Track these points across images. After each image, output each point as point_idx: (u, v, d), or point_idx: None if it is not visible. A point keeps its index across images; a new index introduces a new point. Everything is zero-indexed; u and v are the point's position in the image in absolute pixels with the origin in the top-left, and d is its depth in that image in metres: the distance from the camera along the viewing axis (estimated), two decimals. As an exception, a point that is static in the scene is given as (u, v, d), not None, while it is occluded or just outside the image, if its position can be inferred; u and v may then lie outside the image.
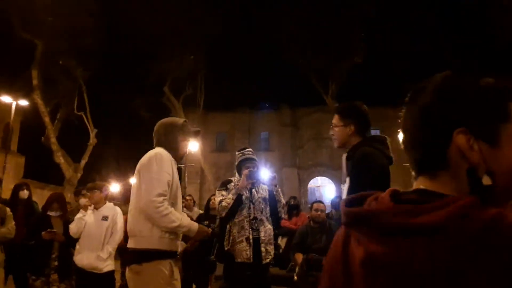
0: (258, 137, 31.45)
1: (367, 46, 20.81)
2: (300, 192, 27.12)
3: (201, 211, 7.19)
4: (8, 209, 4.59)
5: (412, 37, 21.01)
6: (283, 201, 3.83)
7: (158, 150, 2.63)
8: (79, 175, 17.39)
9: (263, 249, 3.46)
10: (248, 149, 3.90)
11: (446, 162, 0.72)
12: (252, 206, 3.55)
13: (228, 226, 3.51)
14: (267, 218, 3.63)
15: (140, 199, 2.46)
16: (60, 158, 16.79)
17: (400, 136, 0.83)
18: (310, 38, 20.82)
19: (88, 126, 18.52)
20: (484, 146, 0.70)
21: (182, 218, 2.46)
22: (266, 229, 3.56)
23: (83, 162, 17.97)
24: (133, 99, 20.94)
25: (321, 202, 5.15)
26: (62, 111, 18.78)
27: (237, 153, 3.89)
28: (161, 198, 2.37)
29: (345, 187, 2.48)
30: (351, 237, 0.72)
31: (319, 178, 29.36)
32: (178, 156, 2.79)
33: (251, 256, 3.37)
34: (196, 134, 2.95)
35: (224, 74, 23.88)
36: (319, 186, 29.14)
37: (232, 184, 3.66)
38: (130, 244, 2.49)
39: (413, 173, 0.79)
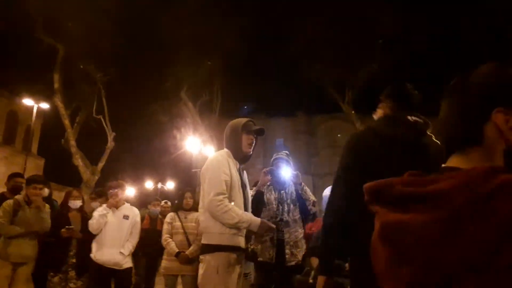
0: (273, 143, 31.42)
1: (384, 53, 20.65)
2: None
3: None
4: (48, 206, 4.66)
5: (430, 43, 20.78)
6: (312, 198, 3.82)
7: (216, 153, 3.00)
8: (96, 177, 17.63)
9: (287, 251, 3.51)
10: (284, 151, 4.06)
11: (481, 139, 0.72)
12: (280, 207, 3.56)
13: None
14: (295, 220, 3.66)
15: (206, 197, 2.67)
16: (78, 160, 17.05)
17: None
18: (326, 45, 20.79)
19: (106, 130, 18.77)
20: None
21: (242, 214, 2.62)
22: (292, 231, 3.59)
23: (100, 165, 18.20)
24: (150, 104, 21.19)
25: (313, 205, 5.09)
26: (82, 114, 19.09)
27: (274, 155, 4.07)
28: (220, 197, 2.58)
29: None
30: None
31: (329, 187, 29.06)
32: (241, 155, 2.92)
33: (274, 257, 3.39)
34: (259, 132, 3.03)
35: (241, 80, 23.95)
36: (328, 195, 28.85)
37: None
38: (202, 240, 2.75)
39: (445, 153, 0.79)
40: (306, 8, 21.41)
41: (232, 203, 2.65)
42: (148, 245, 5.42)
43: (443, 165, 0.77)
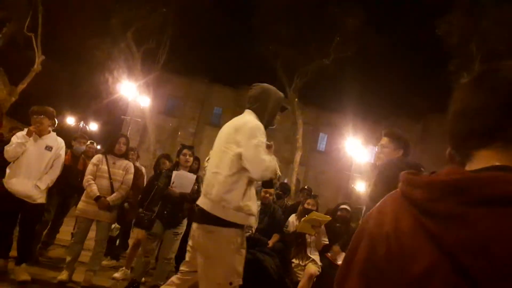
0: (210, 110, 31.07)
1: (338, 51, 21.23)
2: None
3: (143, 166, 6.92)
4: None
5: (384, 52, 21.73)
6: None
7: (255, 120, 2.59)
8: (13, 99, 16.02)
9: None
10: None
11: None
12: None
13: None
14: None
15: (250, 169, 2.42)
16: (-5, 75, 15.36)
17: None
18: (286, 29, 20.83)
19: (36, 51, 17.02)
20: None
21: (272, 165, 2.47)
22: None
23: (21, 87, 16.53)
24: (91, 37, 19.60)
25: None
26: (10, 27, 17.06)
27: None
28: (268, 164, 2.43)
29: None
30: (409, 210, 0.68)
31: (259, 166, 29.73)
32: (267, 127, 2.70)
33: None
34: (283, 110, 2.87)
35: (192, 39, 23.05)
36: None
37: None
38: (206, 206, 2.47)
39: (464, 146, 0.75)
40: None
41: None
42: (65, 183, 5.00)
43: (496, 164, 0.69)
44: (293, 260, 4.53)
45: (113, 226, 5.53)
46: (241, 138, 2.47)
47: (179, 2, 21.00)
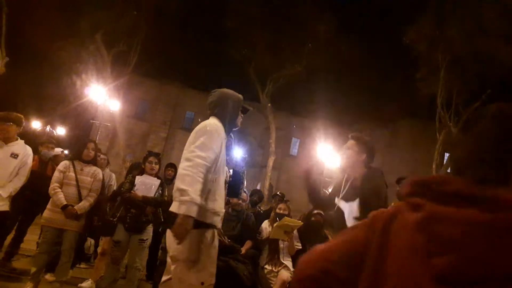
0: (182, 114, 30.74)
1: (310, 58, 21.53)
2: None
3: (113, 173, 6.76)
4: None
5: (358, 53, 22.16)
6: (245, 183, 3.78)
7: (216, 122, 2.66)
8: (-26, 101, 15.33)
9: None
10: None
11: (509, 181, 0.76)
12: None
13: None
14: (226, 200, 3.64)
15: (183, 155, 2.46)
16: (-45, 76, 14.63)
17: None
18: (260, 34, 20.97)
19: (0, 51, 16.37)
20: None
21: (197, 196, 2.30)
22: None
23: (-17, 89, 15.87)
24: (59, 38, 19.03)
25: (244, 191, 5.11)
26: (-29, 25, 16.33)
27: None
28: (202, 162, 2.38)
29: (346, 205, 2.77)
30: (400, 212, 0.79)
31: (232, 170, 29.65)
32: (231, 130, 2.84)
33: None
34: (245, 111, 2.94)
35: (163, 42, 22.80)
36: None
37: None
38: (174, 208, 2.35)
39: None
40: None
41: (216, 178, 2.54)
42: (31, 189, 4.78)
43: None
44: (266, 267, 4.51)
45: (88, 243, 5.40)
46: (194, 135, 2.57)
47: (150, 5, 20.76)
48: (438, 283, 0.66)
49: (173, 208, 2.32)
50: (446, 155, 19.50)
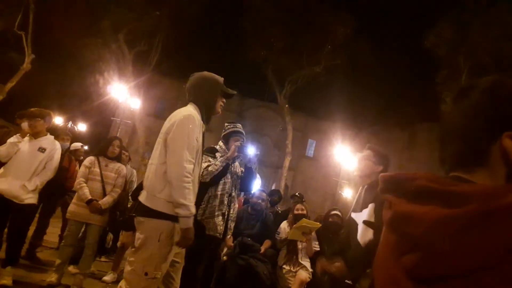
0: (200, 114, 30.95)
1: (328, 59, 21.43)
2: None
3: (134, 170, 6.89)
4: None
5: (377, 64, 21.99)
6: (257, 178, 3.86)
7: (192, 111, 2.51)
8: (1, 97, 15.76)
9: (229, 225, 3.50)
10: (239, 124, 3.91)
11: (486, 160, 0.74)
12: (230, 181, 3.53)
13: (207, 196, 3.41)
14: (237, 195, 3.67)
15: (168, 159, 2.37)
16: (-17, 73, 15.10)
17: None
18: (279, 35, 20.96)
19: (26, 49, 16.80)
20: None
21: (192, 204, 2.37)
22: (235, 207, 3.60)
23: (10, 85, 16.27)
24: (83, 37, 19.44)
25: (263, 191, 5.16)
26: (0, 24, 16.83)
27: (226, 124, 3.88)
28: (190, 166, 2.35)
29: (361, 215, 2.72)
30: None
31: (248, 170, 29.75)
32: (210, 115, 2.68)
33: (222, 232, 3.38)
34: (230, 96, 2.80)
35: (183, 42, 23.04)
36: (246, 178, 29.50)
37: (218, 153, 3.60)
38: (142, 198, 2.46)
39: (445, 168, 0.82)
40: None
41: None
42: (49, 182, 4.91)
43: (454, 174, 0.78)
44: (284, 266, 4.55)
45: (108, 238, 5.50)
46: (170, 127, 2.44)
47: (171, 6, 21.00)
48: (412, 282, 0.66)
49: (158, 207, 2.35)
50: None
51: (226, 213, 3.44)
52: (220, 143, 3.78)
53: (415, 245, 0.67)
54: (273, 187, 24.91)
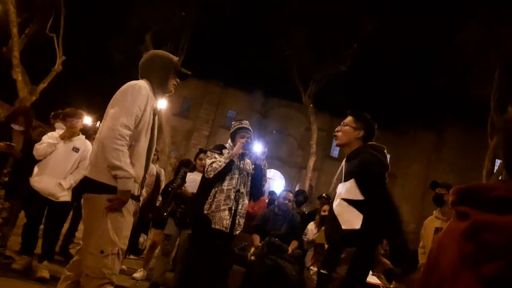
0: (225, 113, 31.18)
1: (355, 58, 21.17)
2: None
3: (162, 169, 7.02)
4: None
5: (401, 61, 21.59)
6: (267, 175, 3.86)
7: (139, 82, 2.45)
8: (34, 98, 16.31)
9: (237, 221, 3.51)
10: (245, 120, 3.94)
11: None
12: (238, 177, 3.53)
13: (213, 190, 3.46)
14: (246, 192, 3.67)
15: (103, 124, 2.30)
16: (18, 74, 15.60)
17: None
18: (303, 35, 20.85)
19: (57, 51, 17.35)
20: None
21: (128, 165, 2.25)
22: (244, 203, 3.61)
23: (42, 86, 16.83)
24: (110, 37, 19.92)
25: (290, 191, 5.16)
26: (33, 27, 17.42)
27: (233, 122, 3.91)
28: (125, 131, 2.24)
29: (343, 187, 2.53)
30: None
31: (272, 170, 29.72)
32: (163, 94, 2.62)
33: (229, 226, 3.38)
34: (185, 77, 2.72)
35: (209, 42, 23.30)
36: (270, 178, 29.51)
37: (226, 150, 3.66)
38: (86, 172, 2.36)
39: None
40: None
41: (134, 143, 2.34)
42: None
43: None
44: (312, 268, 4.54)
45: (142, 239, 5.63)
46: (115, 99, 2.38)
47: (197, 6, 21.21)
48: None
49: (102, 179, 2.24)
50: (498, 161, 18.52)
51: (234, 208, 3.47)
52: (229, 140, 3.83)
53: (497, 254, 0.68)
54: (297, 188, 24.82)
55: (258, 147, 3.76)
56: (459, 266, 0.74)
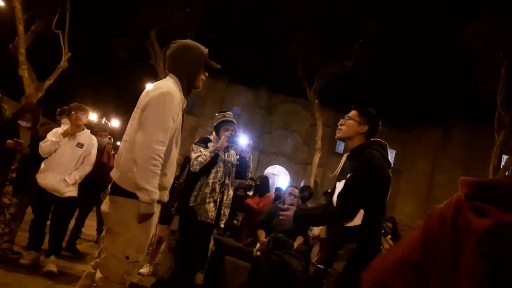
0: (229, 110, 31.13)
1: (360, 54, 21.07)
2: (256, 175, 27.41)
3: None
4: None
5: (406, 58, 21.45)
6: (251, 167, 3.94)
7: (171, 88, 2.28)
8: (40, 94, 16.40)
9: (222, 211, 3.60)
10: (229, 112, 3.95)
11: None
12: (223, 169, 3.61)
13: (199, 183, 3.53)
14: (231, 183, 3.76)
15: (138, 138, 2.20)
16: (24, 71, 15.69)
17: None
18: (308, 30, 20.78)
19: (63, 48, 17.41)
20: None
21: (157, 190, 2.17)
22: (229, 194, 3.69)
23: (48, 82, 16.90)
24: (116, 34, 19.97)
25: (296, 187, 5.16)
26: (39, 24, 17.49)
27: (217, 114, 3.94)
28: (161, 148, 2.16)
29: (340, 183, 2.47)
30: (465, 211, 0.74)
31: (277, 166, 29.75)
32: (190, 89, 2.47)
33: (214, 218, 3.49)
34: (213, 70, 2.61)
35: (214, 38, 23.30)
36: (275, 174, 29.50)
37: (211, 143, 3.69)
38: (115, 176, 2.29)
39: None
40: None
41: (166, 153, 2.25)
42: (89, 176, 5.07)
43: None
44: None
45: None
46: (146, 104, 2.26)
47: (202, 2, 21.19)
48: None
49: (131, 188, 2.18)
50: (504, 157, 18.40)
51: (219, 200, 3.54)
52: (213, 133, 3.85)
53: None
54: (302, 184, 24.81)
55: (243, 140, 3.79)
56: (478, 265, 0.69)
